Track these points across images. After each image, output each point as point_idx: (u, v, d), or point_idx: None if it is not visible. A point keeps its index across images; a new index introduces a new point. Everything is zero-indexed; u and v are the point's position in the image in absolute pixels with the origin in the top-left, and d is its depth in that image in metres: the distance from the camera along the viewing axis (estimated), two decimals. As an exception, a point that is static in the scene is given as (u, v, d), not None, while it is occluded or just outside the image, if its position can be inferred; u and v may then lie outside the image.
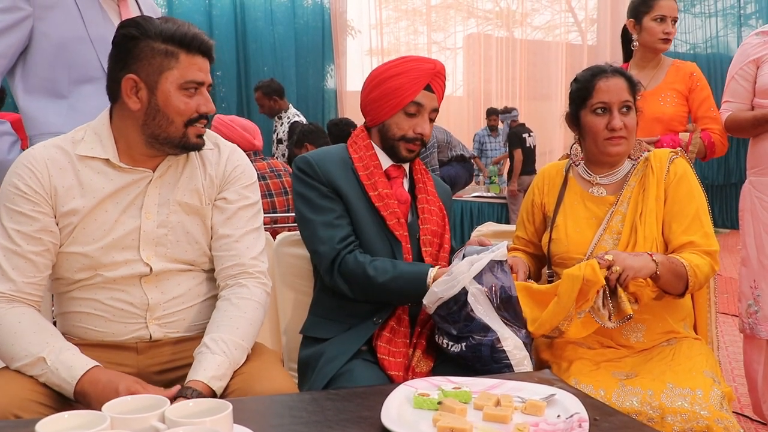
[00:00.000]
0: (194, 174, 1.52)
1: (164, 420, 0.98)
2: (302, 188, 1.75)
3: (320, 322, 1.77)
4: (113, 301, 1.45)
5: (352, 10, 8.20)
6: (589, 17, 10.47)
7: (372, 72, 1.81)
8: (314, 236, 1.72)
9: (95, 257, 1.43)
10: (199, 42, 1.41)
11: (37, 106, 1.88)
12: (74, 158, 1.43)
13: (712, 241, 1.70)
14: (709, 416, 1.41)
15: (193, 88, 1.42)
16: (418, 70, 1.73)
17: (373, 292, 1.66)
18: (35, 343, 1.32)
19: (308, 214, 1.73)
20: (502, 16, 10.42)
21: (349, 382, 1.56)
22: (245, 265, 1.53)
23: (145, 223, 1.46)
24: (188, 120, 1.43)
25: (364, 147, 1.79)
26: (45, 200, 1.40)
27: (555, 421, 1.14)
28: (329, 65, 7.57)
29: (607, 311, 1.52)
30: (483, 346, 1.53)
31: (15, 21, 1.82)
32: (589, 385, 1.55)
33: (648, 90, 2.52)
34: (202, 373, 1.33)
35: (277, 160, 3.61)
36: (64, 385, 1.30)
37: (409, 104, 1.73)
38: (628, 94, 1.76)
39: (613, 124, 1.74)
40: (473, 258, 1.55)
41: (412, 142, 1.76)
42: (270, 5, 7.21)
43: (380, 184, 1.75)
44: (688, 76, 2.54)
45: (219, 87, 6.98)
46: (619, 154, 1.79)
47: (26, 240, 1.38)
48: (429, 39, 9.88)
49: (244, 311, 1.47)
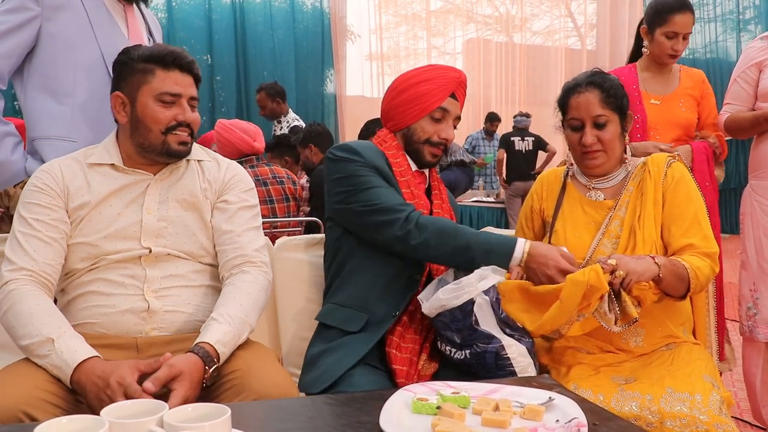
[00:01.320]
0: (193, 178, 1.66)
1: (162, 425, 0.98)
2: (347, 167, 1.73)
3: (337, 309, 1.75)
4: (114, 276, 1.55)
5: (352, 15, 8.22)
6: (588, 22, 10.50)
7: (398, 78, 1.86)
8: (378, 194, 1.69)
9: (99, 246, 1.55)
10: (173, 57, 1.59)
11: (41, 107, 1.89)
12: (85, 166, 1.60)
13: (711, 243, 1.71)
14: (709, 421, 1.41)
15: (170, 100, 1.58)
16: (446, 77, 1.80)
17: (453, 243, 1.62)
18: (48, 325, 1.40)
19: (369, 185, 1.70)
20: (501, 21, 10.45)
21: (349, 387, 1.56)
22: (248, 255, 1.63)
23: (146, 217, 1.59)
24: (166, 128, 1.58)
25: (395, 147, 1.83)
26: (59, 196, 1.56)
27: (554, 425, 1.14)
28: (329, 70, 7.58)
29: (614, 315, 1.53)
30: (487, 354, 1.54)
31: (23, 21, 1.83)
32: (588, 389, 1.55)
33: (667, 94, 2.53)
34: (209, 336, 1.43)
35: (280, 168, 3.61)
36: (64, 367, 1.34)
37: (436, 110, 1.79)
38: (600, 108, 1.76)
39: (584, 141, 1.77)
40: (482, 273, 1.55)
41: (437, 147, 1.81)
42: (270, 10, 7.22)
43: (412, 184, 1.79)
44: (701, 83, 2.56)
45: (218, 92, 6.99)
46: (598, 167, 1.81)
47: (44, 227, 1.52)
48: (429, 44, 9.91)
49: (248, 291, 1.57)
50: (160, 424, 0.98)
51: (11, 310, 1.43)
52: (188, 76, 1.62)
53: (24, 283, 1.47)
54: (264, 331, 1.96)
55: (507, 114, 9.23)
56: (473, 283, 1.53)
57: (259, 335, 1.90)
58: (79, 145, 1.85)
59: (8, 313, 1.44)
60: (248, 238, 1.65)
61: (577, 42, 10.83)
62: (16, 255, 1.50)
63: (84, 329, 1.52)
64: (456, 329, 1.55)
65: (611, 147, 1.79)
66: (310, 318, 1.85)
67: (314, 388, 1.59)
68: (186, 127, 1.60)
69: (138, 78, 1.58)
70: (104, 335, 1.52)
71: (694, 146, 2.44)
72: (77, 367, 1.33)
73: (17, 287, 1.46)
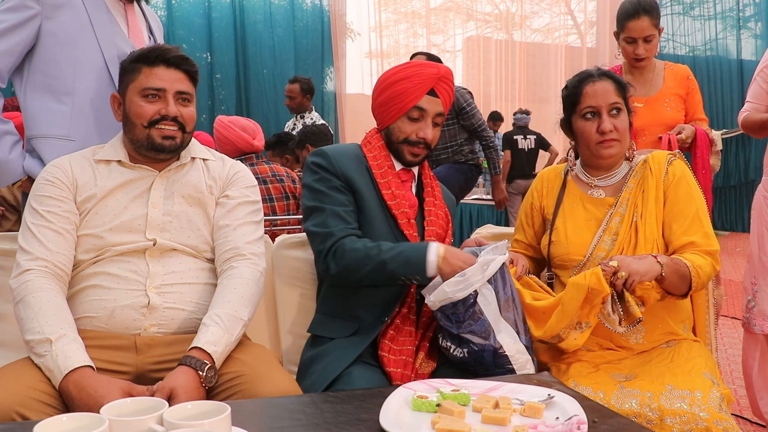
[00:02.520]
0: (198, 175, 1.69)
1: (162, 422, 0.98)
2: (314, 180, 1.75)
3: (327, 320, 1.76)
4: (118, 270, 1.56)
5: (352, 12, 8.21)
6: (588, 20, 10.48)
7: (380, 77, 1.84)
8: (320, 222, 1.70)
9: (104, 237, 1.57)
10: (157, 53, 1.61)
11: (41, 105, 1.89)
12: (92, 162, 1.64)
13: (712, 241, 1.71)
14: (708, 418, 1.41)
15: (153, 95, 1.60)
16: (422, 75, 1.76)
17: (369, 266, 1.62)
18: (52, 325, 1.41)
19: (317, 203, 1.72)
20: (501, 19, 10.43)
21: (348, 385, 1.55)
22: (239, 248, 1.63)
23: (151, 211, 1.61)
24: (149, 122, 1.60)
25: (378, 147, 1.82)
26: (68, 188, 1.59)
27: (554, 423, 1.14)
28: (328, 68, 7.57)
29: (617, 316, 1.53)
30: (485, 352, 1.53)
31: (23, 19, 1.83)
32: (588, 387, 1.55)
33: (651, 96, 2.56)
34: (197, 341, 1.44)
35: (279, 166, 3.61)
36: (55, 371, 1.34)
37: (412, 109, 1.76)
38: (616, 96, 1.76)
39: (603, 127, 1.74)
40: (485, 261, 1.55)
41: (416, 146, 1.78)
42: (269, 8, 7.21)
43: (393, 184, 1.78)
44: (685, 80, 2.58)
45: (218, 89, 6.99)
46: (612, 156, 1.79)
47: (56, 218, 1.55)
48: (428, 42, 9.90)
49: (235, 287, 1.57)
50: (159, 422, 0.98)
51: (23, 301, 1.45)
52: (176, 71, 1.63)
53: (40, 275, 1.49)
54: (263, 328, 1.96)
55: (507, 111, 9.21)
56: (477, 273, 1.53)
57: (259, 333, 1.90)
58: (78, 143, 1.85)
59: (20, 305, 1.46)
60: (243, 231, 1.66)
61: (577, 39, 10.83)
62: (31, 245, 1.52)
63: (83, 324, 1.52)
64: (456, 320, 1.54)
65: (624, 137, 1.78)
66: (309, 315, 1.85)
67: (312, 391, 1.59)
68: (172, 122, 1.61)
69: (127, 77, 1.63)
70: (103, 334, 1.52)
71: (698, 129, 2.47)
72: (67, 374, 1.33)
73: (33, 278, 1.47)
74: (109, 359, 1.48)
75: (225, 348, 1.46)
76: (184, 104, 1.64)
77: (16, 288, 1.48)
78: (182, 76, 1.64)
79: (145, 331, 1.53)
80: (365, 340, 1.66)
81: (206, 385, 1.38)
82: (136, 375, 1.50)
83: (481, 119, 4.22)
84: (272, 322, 1.98)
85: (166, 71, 1.61)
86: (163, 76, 1.61)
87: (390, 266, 1.60)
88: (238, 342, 1.53)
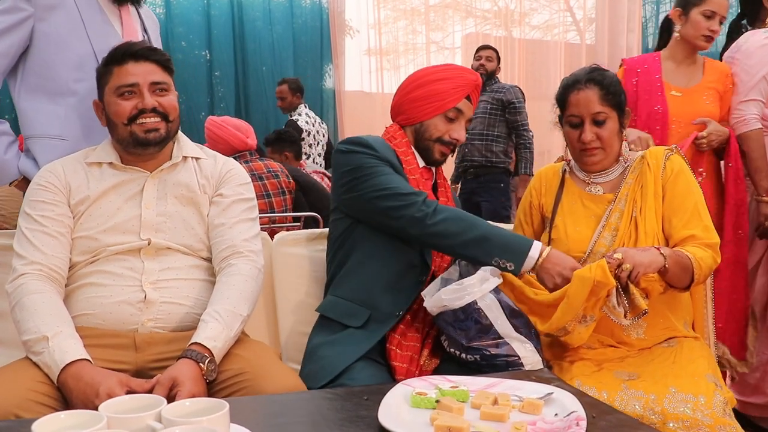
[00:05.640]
0: (191, 174, 1.69)
1: (161, 419, 0.98)
2: (357, 159, 1.72)
3: (341, 302, 1.73)
4: (113, 267, 1.57)
5: (351, 9, 8.17)
6: (587, 17, 10.46)
7: (415, 73, 1.87)
8: (391, 180, 1.68)
9: (99, 239, 1.58)
10: (123, 51, 1.62)
11: (35, 107, 1.89)
12: (84, 165, 1.65)
13: (712, 234, 1.72)
14: (712, 423, 1.41)
15: (129, 91, 1.60)
16: (464, 78, 1.82)
17: (471, 231, 1.61)
18: (47, 324, 1.42)
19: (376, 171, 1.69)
20: (500, 16, 10.41)
21: (350, 380, 1.55)
22: (237, 246, 1.64)
23: (144, 212, 1.61)
24: (128, 119, 1.60)
25: (405, 144, 1.84)
26: (62, 192, 1.60)
27: (552, 419, 1.14)
28: (327, 65, 7.56)
29: (623, 309, 1.53)
30: (499, 357, 1.54)
31: (16, 21, 1.83)
32: (592, 387, 1.55)
33: (690, 87, 2.50)
34: (196, 337, 1.44)
35: (273, 162, 3.61)
36: (53, 366, 1.35)
37: (451, 109, 1.80)
38: (600, 106, 1.75)
39: (583, 138, 1.76)
40: (484, 276, 1.55)
41: (447, 146, 1.82)
42: (268, 5, 7.20)
43: (420, 180, 1.80)
44: (725, 76, 2.52)
45: (217, 87, 6.96)
46: (596, 164, 1.81)
47: (50, 222, 1.56)
48: (427, 38, 9.87)
49: (233, 284, 1.57)
50: (158, 419, 0.98)
51: (19, 304, 1.46)
52: (145, 63, 1.62)
53: (35, 278, 1.50)
54: (263, 325, 1.96)
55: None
56: (475, 284, 1.53)
57: (258, 330, 1.90)
58: (70, 143, 1.85)
59: (16, 308, 1.47)
60: (239, 229, 1.66)
61: (576, 36, 10.81)
62: (26, 250, 1.53)
63: (81, 321, 1.52)
64: (461, 329, 1.55)
65: (609, 144, 1.79)
66: (309, 313, 1.84)
67: (315, 382, 1.59)
68: (152, 113, 1.60)
69: (102, 81, 1.65)
70: (101, 332, 1.52)
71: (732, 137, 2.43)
72: (64, 368, 1.34)
73: (27, 282, 1.49)
74: (108, 357, 1.47)
75: (224, 343, 1.46)
76: (161, 94, 1.63)
77: (12, 292, 1.49)
78: (153, 67, 1.63)
79: (142, 326, 1.53)
80: (376, 335, 1.65)
81: (207, 378, 1.39)
82: (136, 373, 1.49)
83: (526, 119, 4.46)
84: (271, 319, 1.98)
85: (136, 65, 1.61)
86: (133, 71, 1.61)
87: (490, 242, 1.59)
88: (237, 338, 1.53)
